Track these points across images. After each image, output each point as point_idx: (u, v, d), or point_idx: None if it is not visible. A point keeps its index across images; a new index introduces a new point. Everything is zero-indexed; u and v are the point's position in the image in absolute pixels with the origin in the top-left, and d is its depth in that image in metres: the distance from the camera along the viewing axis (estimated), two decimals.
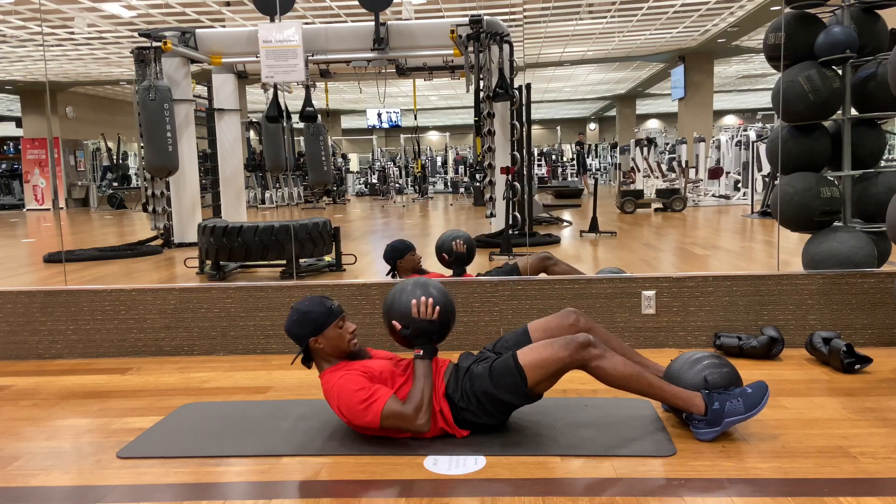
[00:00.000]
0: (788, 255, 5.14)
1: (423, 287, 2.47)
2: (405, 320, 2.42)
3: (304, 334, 2.40)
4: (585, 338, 2.32)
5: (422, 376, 2.35)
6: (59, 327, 3.71)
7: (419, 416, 2.29)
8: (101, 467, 2.29)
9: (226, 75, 8.96)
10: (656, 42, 14.92)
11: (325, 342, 2.41)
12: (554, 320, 2.61)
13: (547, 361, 2.30)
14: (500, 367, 2.36)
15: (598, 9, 11.63)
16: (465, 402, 2.36)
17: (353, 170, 23.39)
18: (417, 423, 2.29)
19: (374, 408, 2.28)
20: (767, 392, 2.31)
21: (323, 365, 2.45)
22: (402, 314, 2.42)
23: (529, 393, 2.34)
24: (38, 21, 11.03)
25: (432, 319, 2.41)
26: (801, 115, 3.74)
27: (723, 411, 2.29)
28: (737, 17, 12.58)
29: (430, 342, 2.42)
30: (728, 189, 13.37)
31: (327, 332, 2.40)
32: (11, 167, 20.01)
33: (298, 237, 5.35)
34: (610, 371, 2.30)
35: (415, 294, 2.44)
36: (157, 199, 7.78)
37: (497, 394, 2.34)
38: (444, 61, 8.75)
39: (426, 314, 2.41)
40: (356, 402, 2.29)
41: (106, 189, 17.63)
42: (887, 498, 1.91)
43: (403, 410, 2.28)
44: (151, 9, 10.64)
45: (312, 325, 2.39)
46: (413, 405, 2.29)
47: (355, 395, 2.29)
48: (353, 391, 2.30)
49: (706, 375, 2.39)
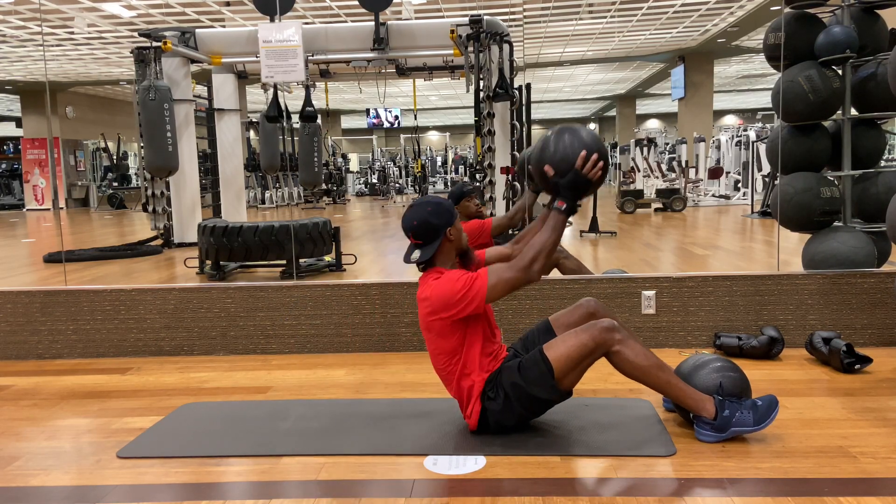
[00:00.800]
0: (788, 255, 5.14)
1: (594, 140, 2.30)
2: (565, 166, 2.26)
3: (442, 224, 2.33)
4: (609, 322, 2.30)
5: (551, 228, 2.27)
6: (59, 327, 3.71)
7: (534, 264, 2.23)
8: (101, 467, 2.29)
9: (226, 75, 8.96)
10: (656, 42, 14.92)
11: (456, 233, 2.37)
12: (575, 312, 2.58)
13: (571, 349, 2.28)
14: (528, 361, 2.35)
15: (598, 9, 11.63)
16: (494, 392, 2.35)
17: (353, 170, 23.40)
18: (533, 267, 2.23)
19: (480, 280, 2.24)
20: (777, 407, 2.30)
21: (437, 263, 2.38)
22: (562, 159, 2.26)
23: (556, 386, 2.31)
24: (38, 21, 11.03)
25: (592, 179, 2.28)
26: (801, 115, 3.74)
27: (731, 420, 2.28)
28: (737, 17, 12.58)
29: (574, 199, 2.31)
30: (728, 189, 13.37)
31: (456, 224, 2.37)
32: (11, 167, 20.00)
33: (298, 237, 5.35)
34: (630, 359, 2.27)
35: (584, 144, 2.27)
36: (157, 199, 7.78)
37: (524, 386, 2.31)
38: (444, 61, 8.75)
39: (589, 171, 2.27)
40: (461, 285, 2.25)
41: (106, 189, 17.64)
42: (887, 498, 1.91)
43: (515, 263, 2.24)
44: (151, 9, 10.64)
45: (448, 214, 2.34)
46: (532, 252, 2.24)
47: (459, 279, 2.26)
48: (456, 278, 2.27)
49: (722, 381, 2.38)
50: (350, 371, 3.31)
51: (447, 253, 2.40)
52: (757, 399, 2.33)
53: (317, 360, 3.51)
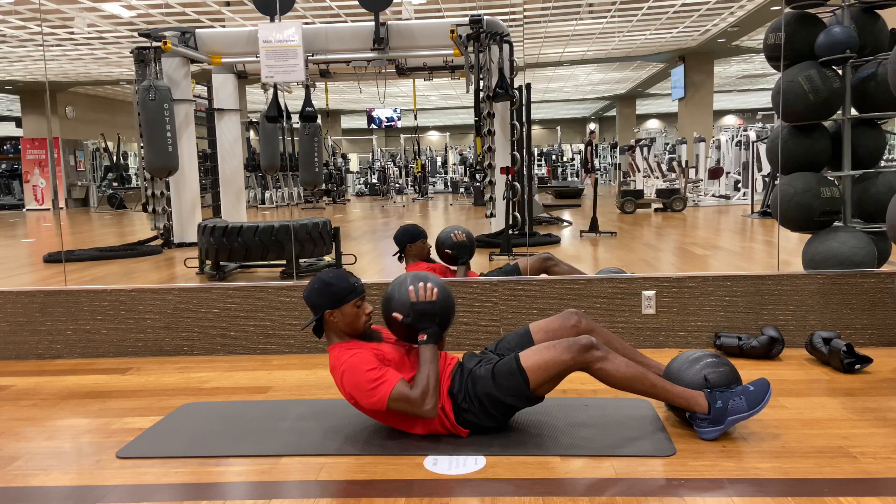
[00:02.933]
0: (788, 255, 5.14)
1: (418, 277, 2.49)
2: (405, 308, 2.42)
3: (322, 304, 2.40)
4: (588, 340, 2.32)
5: (427, 361, 2.35)
6: (59, 327, 3.71)
7: (426, 400, 2.28)
8: (100, 467, 2.28)
9: (226, 75, 8.96)
10: (656, 42, 14.92)
11: (341, 317, 2.41)
12: (556, 321, 2.61)
13: (549, 364, 2.31)
14: (502, 370, 2.36)
15: (598, 9, 11.63)
16: (468, 403, 2.37)
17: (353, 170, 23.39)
18: (424, 408, 2.29)
19: (383, 389, 2.27)
20: (769, 389, 2.31)
21: (333, 338, 2.45)
22: (401, 303, 2.43)
23: (531, 395, 2.35)
24: (38, 21, 11.03)
25: (433, 300, 2.41)
26: (801, 115, 3.74)
27: (726, 409, 2.29)
28: (737, 17, 12.58)
29: (433, 324, 2.41)
30: (728, 189, 13.37)
31: (345, 308, 2.40)
32: (11, 167, 20.01)
33: (298, 237, 5.35)
34: (613, 373, 2.30)
35: (411, 284, 2.45)
36: (156, 199, 7.78)
37: (499, 396, 2.34)
38: (444, 61, 8.75)
39: (425, 296, 2.41)
40: (365, 382, 2.28)
41: (106, 189, 17.64)
42: (887, 498, 1.91)
43: (411, 395, 2.28)
44: (151, 9, 10.64)
45: (332, 297, 2.39)
46: (420, 390, 2.29)
47: (365, 374, 2.29)
48: (364, 371, 2.29)
49: (706, 374, 2.39)
50: None
51: (335, 330, 2.45)
52: (748, 384, 2.34)
53: (317, 360, 3.51)
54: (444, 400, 2.38)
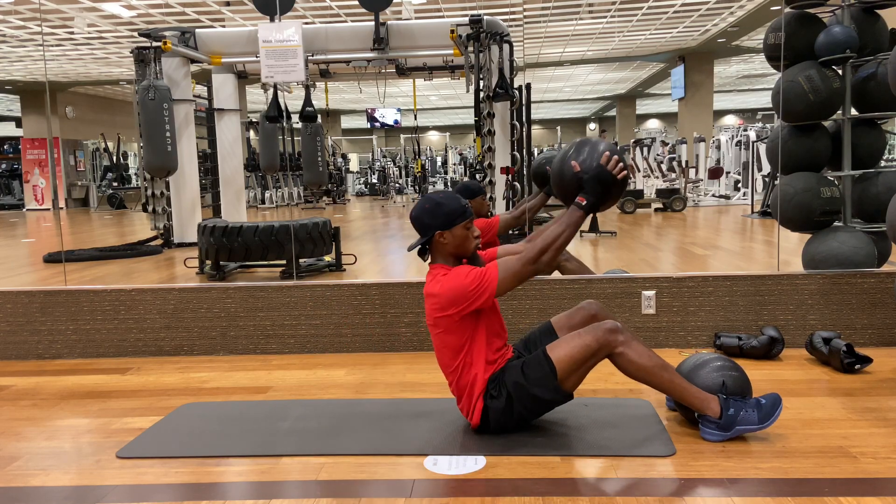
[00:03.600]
0: (788, 255, 5.14)
1: (614, 147, 2.45)
2: (589, 166, 2.37)
3: (433, 225, 2.35)
4: (613, 324, 2.31)
5: (566, 223, 2.31)
6: (59, 327, 3.71)
7: (544, 256, 2.26)
8: (100, 467, 2.29)
9: (226, 75, 8.96)
10: (656, 42, 14.91)
11: (451, 239, 2.37)
12: (576, 314, 2.59)
13: (574, 349, 2.30)
14: (531, 361, 2.36)
15: (598, 9, 11.62)
16: (497, 391, 2.36)
17: (353, 170, 23.39)
18: (542, 258, 2.26)
19: (490, 274, 2.26)
20: (781, 406, 2.31)
21: (437, 259, 2.42)
22: (589, 158, 2.38)
23: (559, 387, 2.32)
24: (38, 21, 11.03)
25: (619, 179, 2.37)
26: (801, 115, 3.74)
27: (736, 418, 2.28)
28: (737, 17, 12.58)
29: (599, 195, 2.37)
30: (728, 189, 13.37)
31: (455, 230, 2.36)
32: (11, 167, 20.01)
33: (298, 237, 5.35)
34: (634, 360, 2.28)
35: (607, 146, 2.41)
36: (156, 199, 7.78)
37: (527, 386, 2.32)
38: (444, 61, 8.75)
39: (614, 168, 2.36)
40: (472, 280, 2.27)
41: (106, 189, 17.64)
42: (887, 498, 1.91)
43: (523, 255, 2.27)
44: (151, 9, 10.64)
45: (444, 217, 2.35)
46: (541, 244, 2.27)
47: (469, 275, 2.28)
48: (464, 274, 2.29)
49: (725, 380, 2.38)
50: (350, 371, 3.31)
51: (443, 253, 2.41)
52: (761, 398, 2.33)
53: (317, 360, 3.51)
54: (484, 382, 2.37)
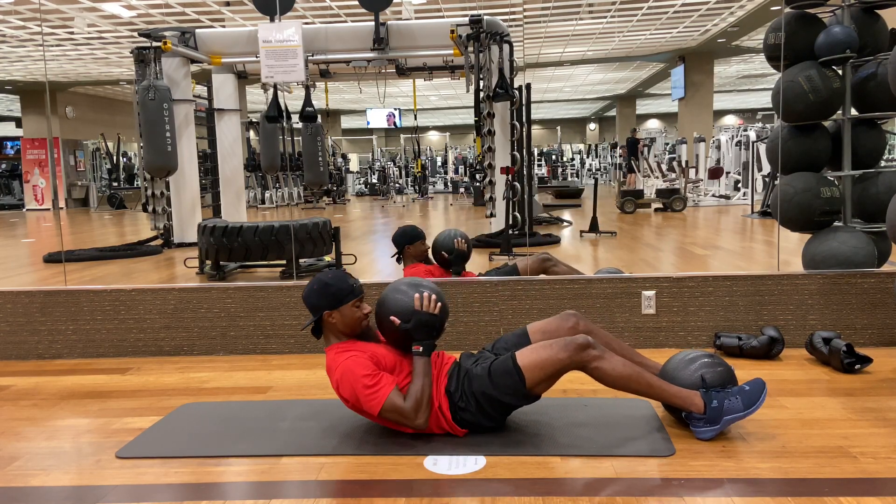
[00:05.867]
0: (788, 255, 5.14)
1: (420, 284, 2.48)
2: (405, 314, 2.40)
3: (321, 305, 2.40)
4: (584, 339, 2.32)
5: (421, 374, 2.35)
6: (59, 327, 3.71)
7: (418, 414, 2.30)
8: (100, 467, 2.29)
9: (226, 75, 8.96)
10: (656, 42, 14.92)
11: (339, 318, 2.41)
12: (553, 322, 2.61)
13: (546, 362, 2.31)
14: (499, 369, 2.37)
15: (598, 9, 11.63)
16: (465, 402, 2.37)
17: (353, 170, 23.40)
18: (416, 421, 2.31)
19: (377, 397, 2.28)
20: (765, 389, 2.32)
21: (331, 339, 2.46)
22: (401, 308, 2.41)
23: (528, 394, 2.35)
24: (38, 21, 11.03)
25: (435, 313, 2.40)
26: (801, 115, 3.74)
27: (721, 409, 2.29)
28: (737, 17, 12.58)
29: (431, 336, 2.41)
30: (728, 189, 13.37)
31: (343, 309, 2.40)
32: (11, 167, 20.01)
33: (298, 237, 5.35)
34: (609, 372, 2.30)
35: (414, 290, 2.44)
36: (156, 199, 7.78)
37: (496, 395, 2.34)
38: (444, 61, 8.75)
39: (429, 307, 2.40)
40: (360, 388, 2.29)
41: (106, 189, 17.64)
42: (887, 498, 1.91)
43: (404, 407, 2.29)
44: (151, 9, 10.64)
45: (331, 298, 2.39)
46: (412, 403, 2.30)
47: (360, 380, 2.29)
48: (360, 376, 2.30)
49: (703, 374, 2.40)
50: None
51: (334, 332, 2.45)
52: (744, 384, 2.35)
53: (317, 360, 3.51)
54: (441, 399, 2.38)
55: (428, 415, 2.33)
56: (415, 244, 3.88)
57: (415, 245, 3.88)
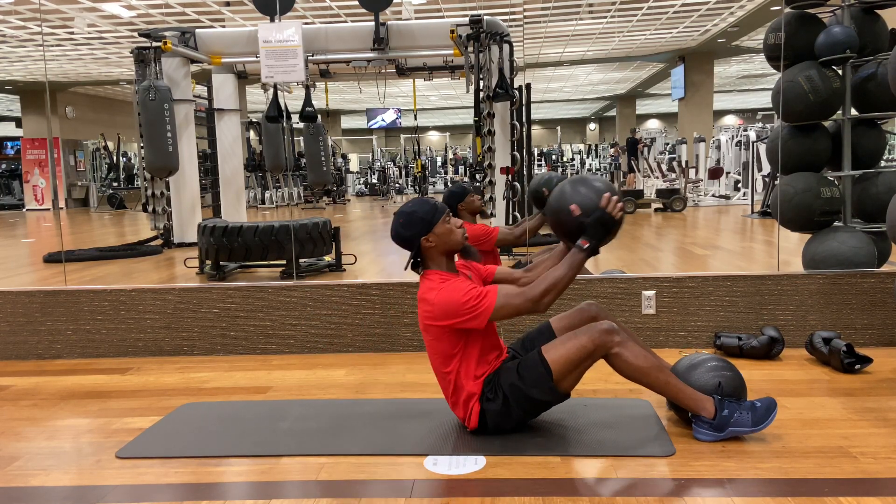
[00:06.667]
0: (788, 255, 5.14)
1: (611, 186, 2.43)
2: (588, 208, 2.35)
3: (416, 234, 2.36)
4: (609, 324, 2.31)
5: (568, 265, 2.29)
6: (59, 327, 3.71)
7: (546, 297, 2.26)
8: (100, 467, 2.28)
9: (226, 75, 8.96)
10: (656, 42, 14.91)
11: (437, 239, 2.37)
12: (575, 315, 2.60)
13: (570, 351, 2.30)
14: (526, 363, 2.36)
15: (598, 9, 11.63)
16: (493, 394, 2.36)
17: (353, 170, 23.40)
18: (542, 301, 2.27)
19: (488, 300, 2.26)
20: (775, 409, 2.31)
21: (431, 266, 2.42)
22: (587, 200, 2.36)
23: (555, 388, 2.33)
24: (38, 21, 11.03)
25: (618, 218, 2.36)
26: (801, 115, 3.74)
27: (730, 420, 2.29)
28: (737, 17, 12.58)
29: (603, 237, 2.36)
30: (728, 189, 13.37)
31: (437, 228, 2.37)
32: (11, 167, 20.00)
33: (298, 237, 5.35)
34: (630, 360, 2.29)
35: (604, 189, 2.38)
36: (156, 199, 7.78)
37: (523, 387, 2.33)
38: (444, 61, 8.74)
39: (612, 209, 2.35)
40: (467, 300, 2.26)
41: (106, 189, 17.64)
42: (887, 498, 1.91)
43: (525, 291, 2.26)
44: (151, 9, 10.64)
45: (422, 223, 2.36)
46: (546, 284, 2.26)
47: (467, 293, 2.27)
48: (464, 290, 2.27)
49: (721, 380, 2.39)
50: (350, 371, 3.31)
51: (434, 257, 2.41)
52: (756, 401, 2.33)
53: (317, 360, 3.51)
54: (478, 384, 2.37)
55: (553, 300, 2.28)
56: (465, 200, 3.68)
57: (465, 201, 3.68)
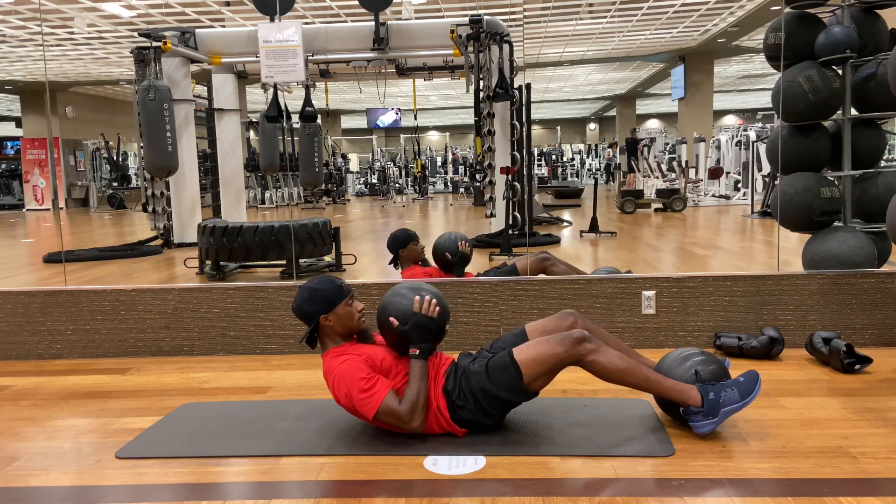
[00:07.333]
0: (788, 255, 5.14)
1: (420, 288, 2.48)
2: (404, 316, 2.40)
3: (316, 311, 2.40)
4: (581, 333, 2.32)
5: (418, 377, 2.35)
6: (59, 327, 3.71)
7: (414, 417, 2.30)
8: (100, 467, 2.28)
9: (226, 75, 8.96)
10: (656, 42, 14.92)
11: (336, 319, 2.42)
12: (552, 322, 2.62)
13: (542, 357, 2.31)
14: (496, 365, 2.37)
15: (598, 9, 11.63)
16: (462, 400, 2.37)
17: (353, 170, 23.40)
18: (412, 425, 2.31)
19: (372, 401, 2.28)
20: (759, 379, 2.33)
21: (328, 344, 2.46)
22: (401, 310, 2.42)
23: (525, 390, 2.35)
24: (38, 21, 11.03)
25: (432, 316, 2.41)
26: (801, 115, 3.74)
27: (719, 401, 2.30)
28: (737, 17, 12.58)
29: (428, 340, 2.41)
30: (728, 189, 13.37)
31: (338, 310, 2.41)
32: (11, 167, 20.00)
33: (298, 237, 5.35)
34: (605, 365, 2.31)
35: (414, 293, 2.45)
36: (156, 199, 7.78)
37: (493, 390, 2.34)
38: (444, 61, 8.75)
39: (427, 310, 2.40)
40: (356, 391, 2.29)
41: (106, 189, 17.64)
42: (887, 498, 1.91)
43: (399, 410, 2.29)
44: (151, 9, 10.64)
45: (323, 302, 2.40)
46: (408, 406, 2.30)
47: (356, 383, 2.29)
48: (355, 379, 2.30)
49: (697, 369, 2.41)
50: None
51: (332, 336, 2.45)
52: (738, 377, 2.36)
53: (317, 361, 3.50)
54: (439, 398, 2.38)
55: (423, 418, 2.33)
56: (408, 247, 3.90)
57: (408, 248, 3.90)
